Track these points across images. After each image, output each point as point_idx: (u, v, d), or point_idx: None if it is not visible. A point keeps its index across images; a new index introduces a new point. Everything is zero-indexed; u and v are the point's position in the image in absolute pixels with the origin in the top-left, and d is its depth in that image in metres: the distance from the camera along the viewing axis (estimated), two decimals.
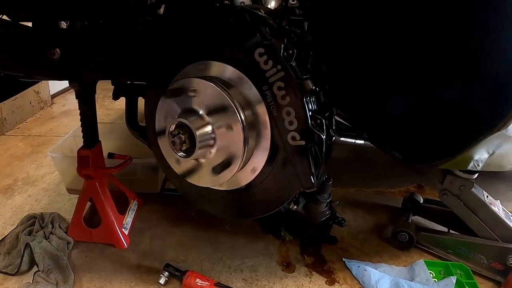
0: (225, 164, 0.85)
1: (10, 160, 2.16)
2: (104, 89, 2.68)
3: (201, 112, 0.86)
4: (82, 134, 1.42)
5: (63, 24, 1.23)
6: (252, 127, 0.84)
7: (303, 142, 0.78)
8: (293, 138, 0.79)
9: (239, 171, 0.87)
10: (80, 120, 1.40)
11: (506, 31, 0.87)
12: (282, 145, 0.81)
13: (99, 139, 1.47)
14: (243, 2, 1.06)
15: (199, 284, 1.22)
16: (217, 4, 0.90)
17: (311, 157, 0.78)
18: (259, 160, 0.87)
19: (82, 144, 1.42)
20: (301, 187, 0.83)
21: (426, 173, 1.98)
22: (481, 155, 1.05)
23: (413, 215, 1.59)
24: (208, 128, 0.84)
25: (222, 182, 0.89)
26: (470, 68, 0.99)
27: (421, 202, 1.62)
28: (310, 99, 0.77)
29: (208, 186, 0.95)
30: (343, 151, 2.21)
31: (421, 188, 1.90)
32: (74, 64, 1.16)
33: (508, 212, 1.40)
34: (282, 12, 0.89)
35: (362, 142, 1.48)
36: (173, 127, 0.86)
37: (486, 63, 0.96)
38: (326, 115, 0.81)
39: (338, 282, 1.30)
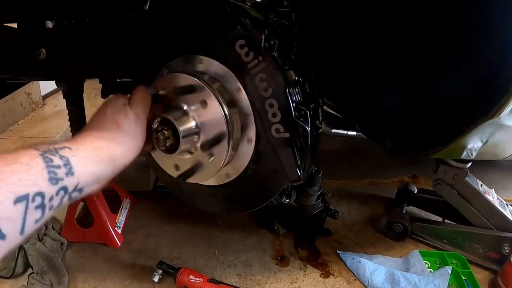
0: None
1: None
2: (96, 87, 2.64)
3: (185, 107, 0.85)
4: (71, 134, 1.41)
5: (49, 24, 1.21)
6: (236, 120, 0.82)
7: (287, 134, 0.77)
8: (277, 131, 0.77)
9: (224, 166, 0.86)
10: (69, 120, 1.39)
11: (497, 18, 0.86)
12: (267, 137, 0.80)
13: None
14: None
15: (192, 280, 1.21)
16: None
17: (296, 149, 0.77)
18: (245, 153, 0.86)
19: None
20: (288, 180, 0.82)
21: (420, 163, 1.98)
22: (474, 144, 1.04)
23: (407, 206, 1.58)
24: (192, 124, 0.83)
25: (207, 178, 0.88)
26: (461, 56, 0.99)
27: (416, 192, 1.61)
28: (293, 90, 0.76)
29: (196, 182, 0.94)
30: (336, 143, 2.20)
31: (416, 178, 1.90)
32: (60, 64, 1.15)
33: (503, 201, 1.39)
34: (269, 4, 0.88)
35: (354, 133, 1.47)
36: (156, 123, 0.85)
37: (477, 51, 0.96)
38: (311, 106, 0.80)
39: (333, 275, 1.30)
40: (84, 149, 0.58)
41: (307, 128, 0.75)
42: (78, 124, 1.41)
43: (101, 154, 0.60)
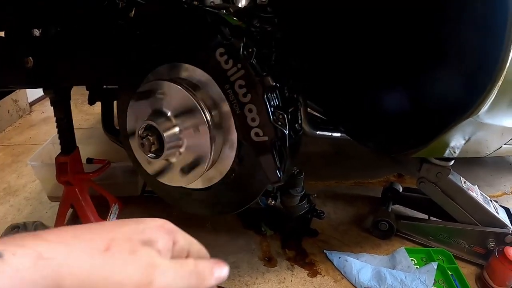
0: (194, 164, 0.86)
1: None
2: (83, 94, 2.63)
3: (169, 114, 0.87)
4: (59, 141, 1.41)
5: (36, 32, 1.22)
6: (218, 125, 0.85)
7: (266, 138, 0.79)
8: (257, 134, 0.80)
9: (208, 169, 0.88)
10: (57, 127, 1.40)
11: (473, 20, 0.89)
12: (246, 141, 0.82)
13: (78, 144, 1.46)
14: (213, 2, 1.07)
15: None
16: (185, 6, 0.91)
17: (275, 152, 0.79)
18: (228, 156, 0.89)
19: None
20: (269, 181, 0.84)
21: (405, 162, 2.01)
22: (457, 142, 1.06)
23: (393, 204, 1.61)
24: (176, 129, 0.85)
25: (192, 181, 0.90)
26: (439, 57, 1.01)
27: (401, 191, 1.63)
28: (271, 95, 0.78)
29: (180, 185, 0.96)
30: (321, 144, 2.22)
31: (401, 177, 1.93)
32: (47, 71, 1.16)
33: (487, 197, 1.42)
34: (252, 11, 0.91)
35: (339, 135, 1.49)
36: (142, 129, 0.87)
37: (455, 51, 0.98)
38: (290, 110, 0.82)
39: (320, 274, 1.32)
40: (22, 255, 0.33)
41: (285, 131, 0.78)
42: (66, 130, 1.41)
43: (43, 268, 0.33)
